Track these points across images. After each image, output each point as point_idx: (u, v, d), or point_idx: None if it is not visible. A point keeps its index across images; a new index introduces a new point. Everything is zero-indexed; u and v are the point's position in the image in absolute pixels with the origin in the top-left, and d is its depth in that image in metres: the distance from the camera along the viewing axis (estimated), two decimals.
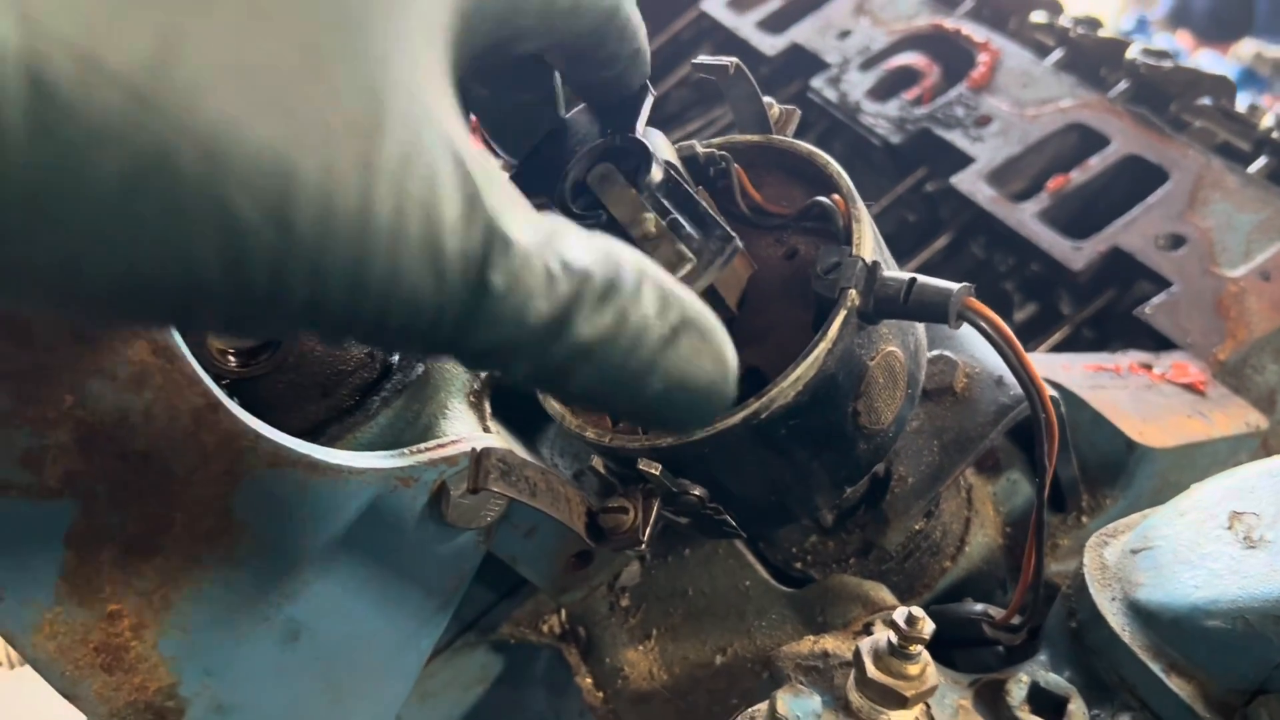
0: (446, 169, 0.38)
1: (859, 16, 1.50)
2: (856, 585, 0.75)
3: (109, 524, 0.54)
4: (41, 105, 0.30)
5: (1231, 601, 0.63)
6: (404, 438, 0.65)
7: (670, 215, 0.56)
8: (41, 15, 0.29)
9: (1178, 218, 1.12)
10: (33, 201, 0.31)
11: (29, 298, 0.35)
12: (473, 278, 0.38)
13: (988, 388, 0.77)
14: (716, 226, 0.56)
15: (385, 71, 0.37)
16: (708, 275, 0.55)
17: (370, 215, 0.36)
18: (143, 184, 0.32)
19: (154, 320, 0.42)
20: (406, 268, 0.37)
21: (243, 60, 0.33)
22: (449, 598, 0.69)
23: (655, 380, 0.44)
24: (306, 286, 0.36)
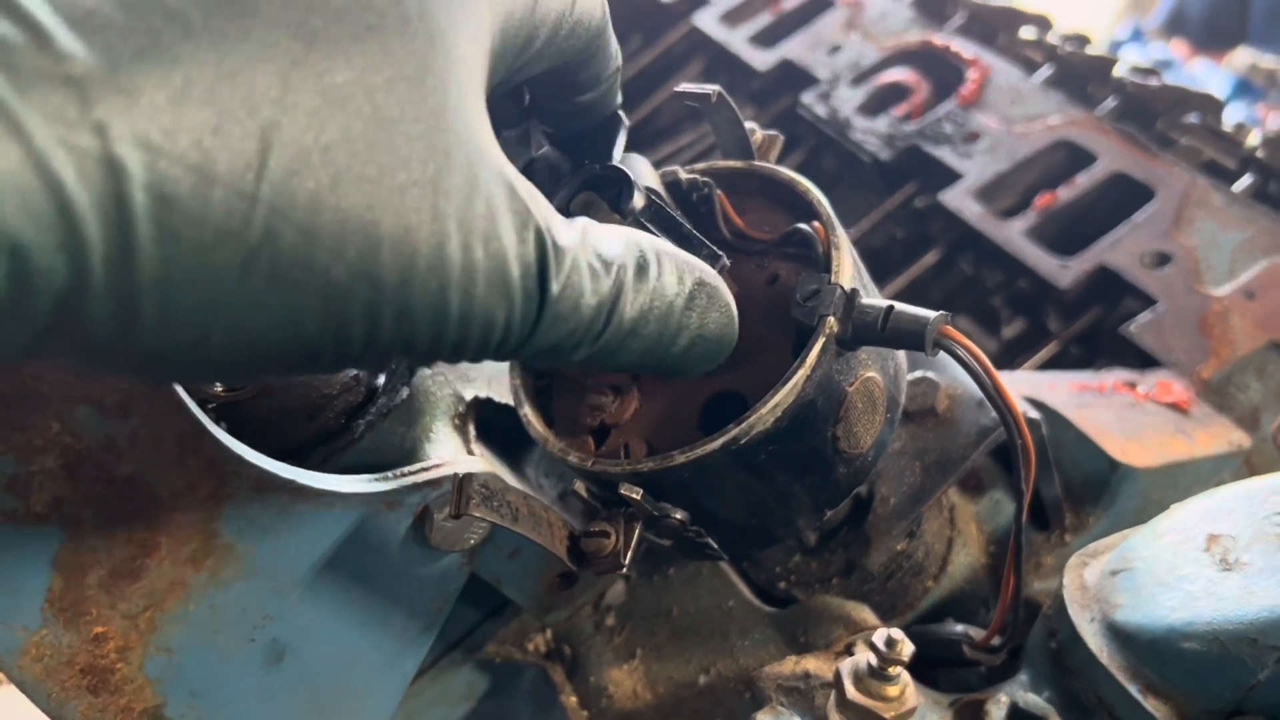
0: (501, 199, 0.43)
1: (850, 32, 1.51)
2: (839, 606, 0.76)
3: (95, 548, 0.54)
4: (165, 214, 0.35)
5: (1207, 624, 0.63)
6: (388, 461, 0.66)
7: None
8: (158, 139, 0.34)
9: (1163, 236, 1.13)
10: (164, 297, 0.36)
11: (165, 374, 0.41)
12: (534, 290, 0.44)
13: (969, 409, 0.78)
14: (703, 246, 0.58)
15: (441, 123, 0.41)
16: None
17: (445, 255, 0.41)
18: (253, 266, 0.37)
19: (273, 376, 0.45)
20: (480, 294, 0.42)
21: (323, 142, 0.38)
22: (433, 618, 0.70)
23: (683, 338, 0.52)
24: (397, 328, 0.41)
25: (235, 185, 0.36)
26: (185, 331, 0.37)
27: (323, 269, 0.38)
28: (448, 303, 0.41)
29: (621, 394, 0.65)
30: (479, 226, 0.42)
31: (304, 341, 0.40)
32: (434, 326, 0.42)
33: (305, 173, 0.37)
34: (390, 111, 0.40)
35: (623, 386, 0.65)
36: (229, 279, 0.37)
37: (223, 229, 0.36)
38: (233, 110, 0.36)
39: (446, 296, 0.41)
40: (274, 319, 0.38)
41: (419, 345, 0.42)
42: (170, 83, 0.35)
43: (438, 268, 0.41)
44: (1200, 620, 0.64)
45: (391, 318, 0.40)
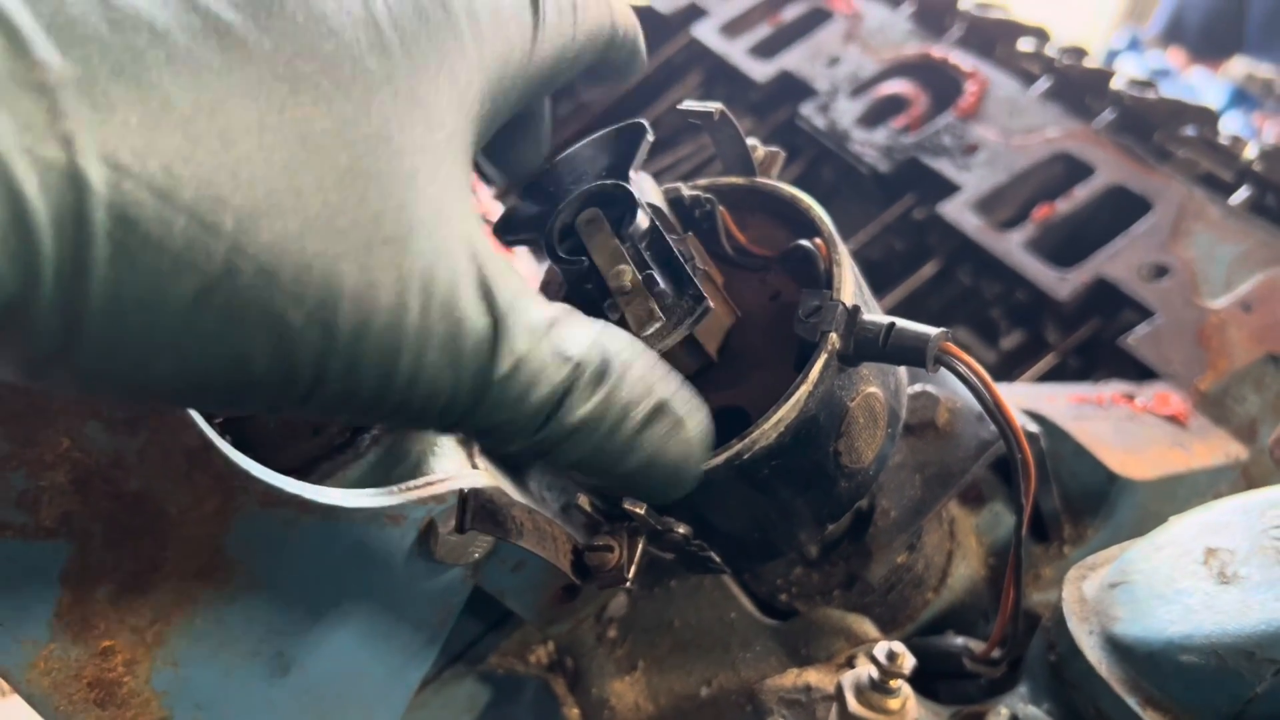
0: (466, 269, 0.43)
1: (848, 44, 1.52)
2: (840, 618, 0.76)
3: (103, 562, 0.55)
4: (124, 236, 0.34)
5: (1205, 637, 0.64)
6: (393, 475, 0.66)
7: (647, 270, 0.57)
8: (127, 159, 0.34)
9: (1161, 248, 1.14)
10: (112, 319, 0.35)
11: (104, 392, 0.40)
12: (484, 368, 0.44)
13: (969, 422, 0.78)
14: (690, 285, 0.58)
15: (415, 185, 0.41)
16: (674, 335, 0.57)
17: (403, 316, 0.41)
18: (208, 300, 0.36)
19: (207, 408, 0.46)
20: (430, 360, 0.42)
21: (296, 186, 0.37)
22: (437, 632, 0.70)
23: (632, 459, 0.50)
24: (344, 381, 0.41)
25: (200, 216, 0.35)
26: (129, 355, 0.37)
27: (279, 312, 0.38)
28: (398, 363, 0.41)
29: None
30: (440, 293, 0.42)
31: (248, 380, 0.39)
32: (380, 384, 0.42)
33: (274, 214, 0.37)
34: (366, 166, 0.40)
35: None
36: (181, 309, 0.36)
37: (182, 258, 0.35)
38: (207, 141, 0.35)
39: (398, 357, 0.41)
40: (222, 354, 0.38)
41: (361, 399, 0.42)
42: (146, 104, 0.34)
43: (394, 326, 0.41)
44: (1199, 633, 0.64)
45: (340, 370, 0.40)
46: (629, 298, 0.57)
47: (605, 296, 0.58)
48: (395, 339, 0.41)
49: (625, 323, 0.57)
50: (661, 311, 0.56)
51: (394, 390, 0.42)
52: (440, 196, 0.43)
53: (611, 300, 0.57)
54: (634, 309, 0.56)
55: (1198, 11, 4.69)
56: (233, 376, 0.39)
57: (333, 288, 0.39)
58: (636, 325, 0.56)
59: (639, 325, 0.56)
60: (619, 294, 0.57)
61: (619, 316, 0.57)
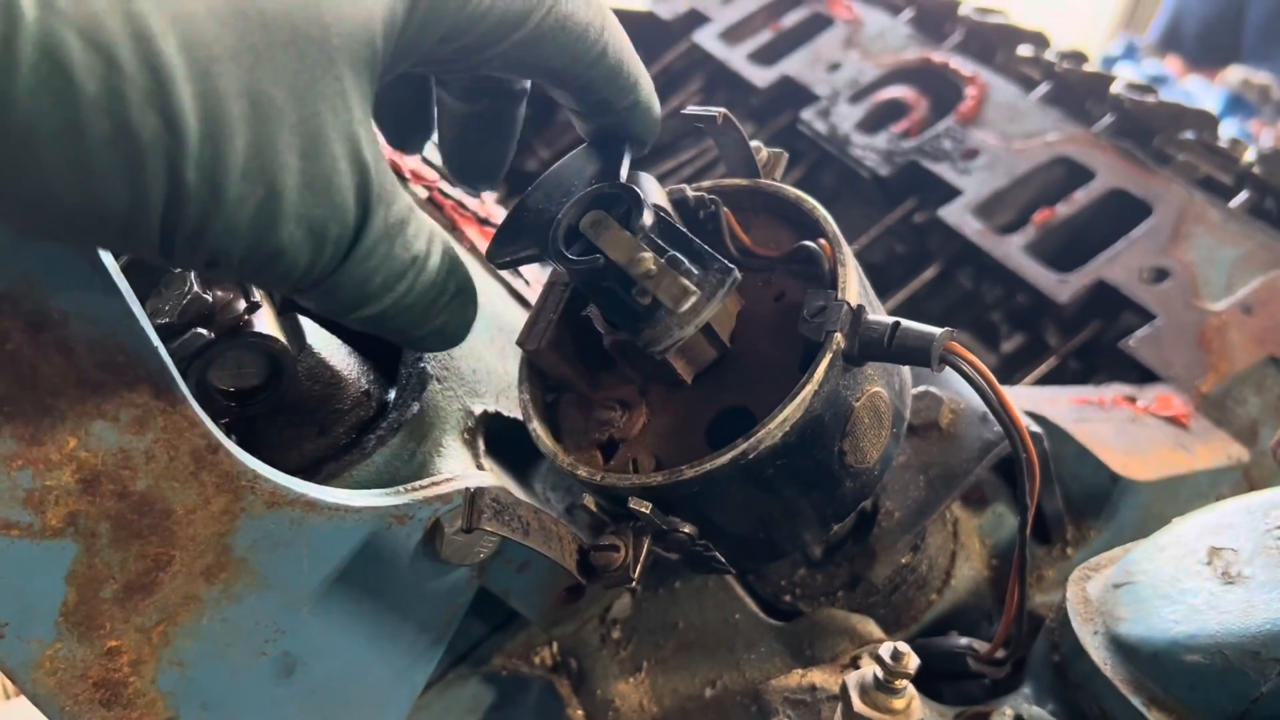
0: (342, 155, 0.46)
1: (849, 49, 1.53)
2: (844, 619, 0.76)
3: (109, 562, 0.55)
4: (50, 71, 0.37)
5: (1210, 636, 0.64)
6: (399, 475, 0.66)
7: (668, 253, 0.57)
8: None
9: (1161, 251, 1.14)
10: (27, 146, 0.38)
11: (8, 221, 0.42)
12: (360, 211, 0.48)
13: (973, 423, 0.79)
14: (714, 260, 0.58)
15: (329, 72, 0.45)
16: (713, 305, 0.57)
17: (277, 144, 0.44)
18: (113, 134, 0.39)
19: (103, 240, 0.48)
20: (291, 235, 0.45)
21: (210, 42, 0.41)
22: (442, 632, 0.70)
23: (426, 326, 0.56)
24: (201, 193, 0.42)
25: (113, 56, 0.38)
26: (37, 181, 0.39)
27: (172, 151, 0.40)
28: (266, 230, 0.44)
29: (629, 409, 0.66)
30: (331, 135, 0.45)
31: (141, 210, 0.41)
32: (249, 248, 0.44)
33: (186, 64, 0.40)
34: (280, 36, 0.43)
35: (630, 401, 0.66)
36: (92, 141, 0.38)
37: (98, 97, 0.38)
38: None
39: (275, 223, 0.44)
40: (120, 183, 0.40)
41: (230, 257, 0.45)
42: None
43: (268, 148, 0.43)
44: (1203, 633, 0.64)
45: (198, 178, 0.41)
46: (657, 280, 0.56)
47: (627, 288, 0.57)
48: (266, 206, 0.44)
49: (657, 304, 0.57)
50: (694, 286, 0.56)
51: (259, 253, 0.45)
52: (332, 90, 0.45)
53: (638, 286, 0.57)
54: (665, 288, 0.56)
55: (1195, 19, 4.71)
56: (126, 205, 0.41)
57: (220, 139, 0.41)
58: (673, 302, 0.56)
59: (675, 302, 0.56)
60: (645, 279, 0.56)
61: (650, 300, 0.57)
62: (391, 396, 0.69)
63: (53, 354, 0.49)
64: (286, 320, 0.67)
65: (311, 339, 0.67)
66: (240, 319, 0.62)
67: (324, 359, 0.67)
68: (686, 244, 0.59)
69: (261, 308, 0.64)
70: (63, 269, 0.47)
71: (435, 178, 0.94)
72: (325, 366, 0.67)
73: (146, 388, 0.52)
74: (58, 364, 0.49)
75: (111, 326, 0.49)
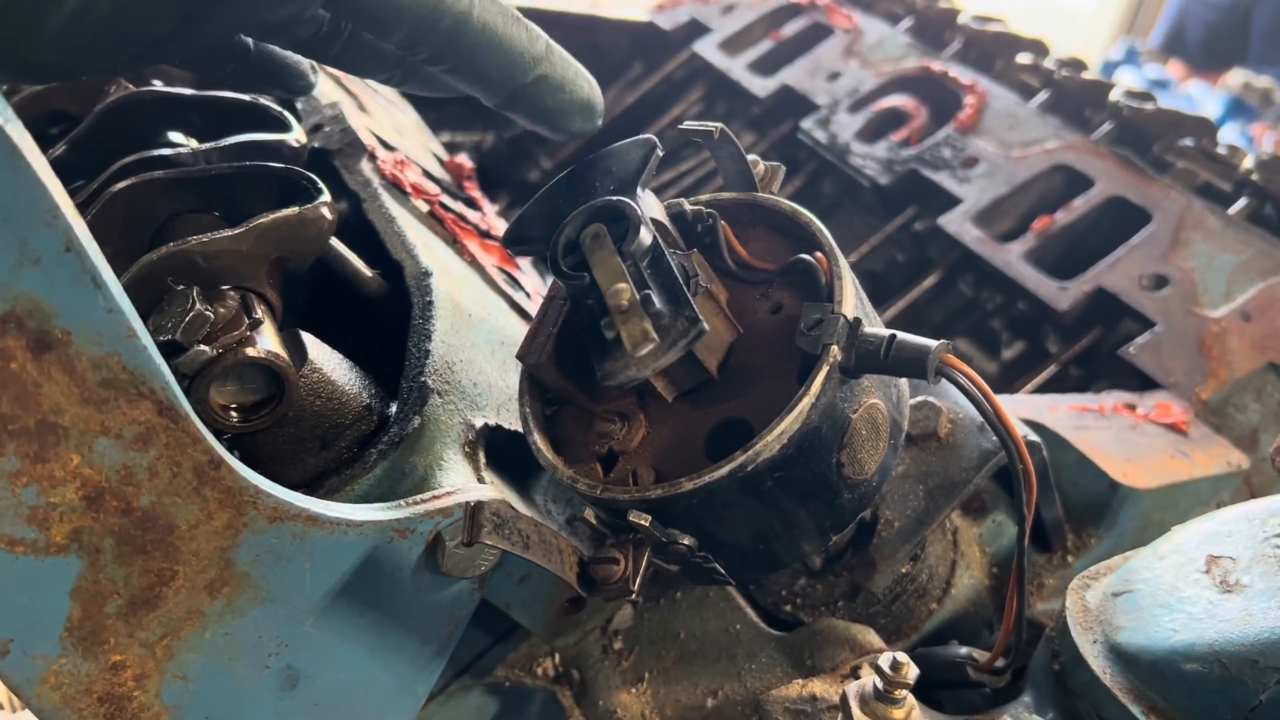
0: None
1: (848, 59, 1.53)
2: (844, 629, 0.77)
3: (113, 578, 0.55)
4: None
5: (1208, 645, 0.64)
6: (400, 489, 0.67)
7: (645, 290, 0.58)
8: None
9: (1160, 258, 1.15)
10: None
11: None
12: None
13: (971, 433, 0.79)
14: (687, 307, 0.58)
15: None
16: (668, 357, 0.57)
17: None
18: None
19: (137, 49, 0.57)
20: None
21: None
22: (444, 644, 0.70)
23: None
24: None
25: None
26: None
27: None
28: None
29: (629, 421, 0.66)
30: None
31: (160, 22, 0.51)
32: None
33: None
34: None
35: (630, 414, 0.67)
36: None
37: None
38: None
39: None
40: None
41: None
42: None
43: None
44: (1202, 642, 0.64)
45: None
46: (625, 316, 0.57)
47: (601, 314, 0.58)
48: None
49: (619, 340, 0.57)
50: (656, 332, 0.57)
51: None
52: None
53: (608, 318, 0.58)
54: (629, 328, 0.57)
55: (1199, 24, 4.71)
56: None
57: None
58: (631, 345, 0.56)
59: (633, 345, 0.56)
60: (616, 312, 0.57)
61: (614, 335, 0.57)
62: (393, 410, 0.70)
63: (56, 373, 0.49)
64: (288, 336, 0.68)
65: (313, 354, 0.68)
66: (242, 336, 0.63)
67: (325, 374, 0.68)
68: (669, 282, 0.59)
69: (263, 324, 0.64)
70: (66, 288, 0.48)
71: (437, 192, 0.95)
72: (327, 381, 0.67)
73: (149, 405, 0.52)
74: (61, 382, 0.49)
75: (114, 345, 0.50)
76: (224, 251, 0.65)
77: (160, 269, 0.64)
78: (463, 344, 0.74)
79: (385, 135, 0.98)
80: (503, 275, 0.92)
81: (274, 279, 0.69)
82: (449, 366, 0.72)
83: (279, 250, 0.68)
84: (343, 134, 0.91)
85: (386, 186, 0.88)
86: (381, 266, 0.79)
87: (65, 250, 0.46)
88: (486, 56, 0.61)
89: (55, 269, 0.47)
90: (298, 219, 0.68)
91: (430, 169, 1.03)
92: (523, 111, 0.66)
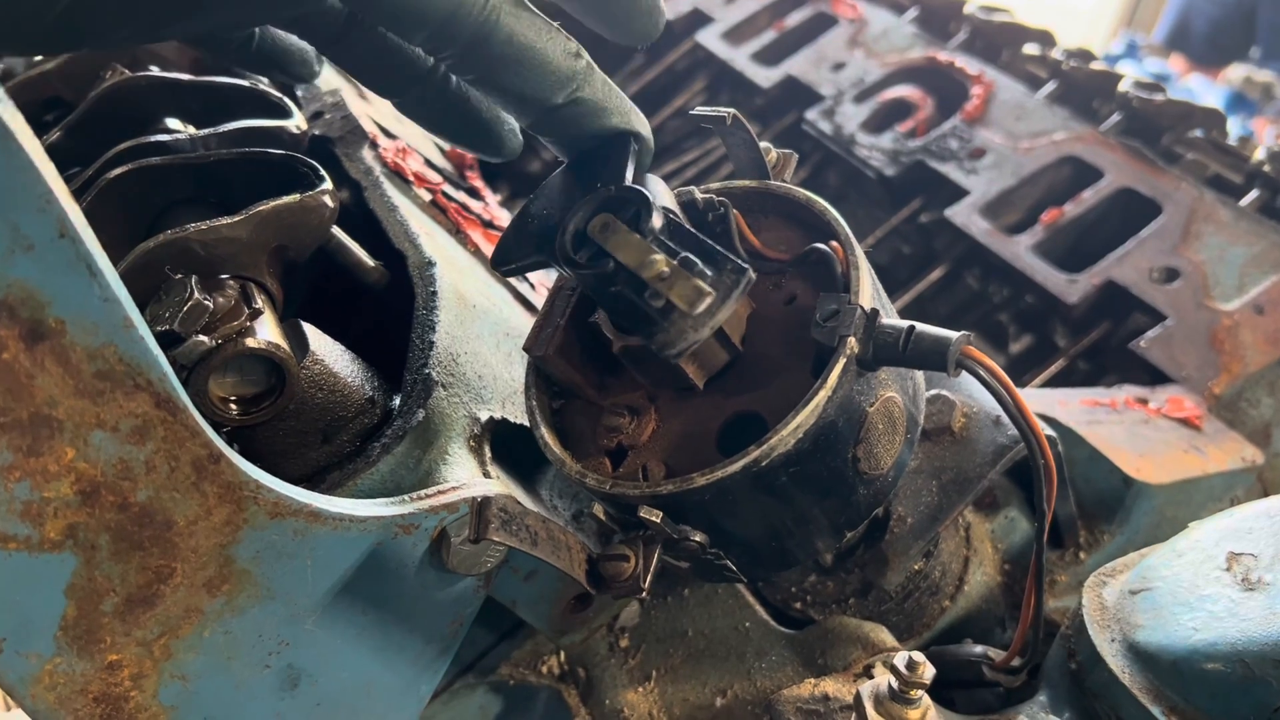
0: None
1: (853, 49, 1.52)
2: (856, 627, 0.75)
3: (110, 575, 0.54)
4: None
5: (1230, 644, 0.63)
6: (405, 484, 0.65)
7: (680, 254, 0.56)
8: None
9: (1171, 251, 1.13)
10: None
11: None
12: None
13: (985, 428, 0.78)
14: (727, 260, 0.57)
15: None
16: (729, 305, 0.56)
17: None
18: None
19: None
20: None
21: None
22: (449, 643, 0.69)
23: None
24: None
25: None
26: None
27: None
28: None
29: (638, 415, 0.65)
30: None
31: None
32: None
33: None
34: None
35: (639, 408, 0.65)
36: None
37: None
38: None
39: None
40: None
41: None
42: None
43: None
44: (1223, 641, 0.63)
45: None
46: (670, 281, 0.55)
47: (639, 291, 0.56)
48: None
49: (671, 307, 0.55)
50: (709, 287, 0.55)
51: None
52: None
53: (651, 289, 0.56)
54: (679, 290, 0.55)
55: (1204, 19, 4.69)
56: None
57: None
58: (687, 305, 0.54)
59: (690, 304, 0.54)
60: (658, 281, 0.55)
61: (664, 302, 0.55)
62: (396, 404, 0.68)
63: (50, 363, 0.47)
64: (289, 326, 0.66)
65: (314, 345, 0.66)
66: (242, 326, 0.61)
67: (328, 366, 0.66)
68: (698, 244, 0.58)
69: (263, 314, 0.63)
70: (59, 276, 0.46)
71: (439, 181, 0.93)
72: (329, 373, 0.66)
73: (146, 397, 0.50)
74: (55, 374, 0.48)
75: (110, 335, 0.48)
76: (223, 240, 0.64)
77: (157, 257, 0.62)
78: (467, 335, 0.73)
79: (387, 123, 0.96)
80: None
81: (274, 268, 0.67)
82: (453, 358, 0.70)
83: (279, 239, 0.66)
84: (344, 121, 0.90)
85: (388, 175, 0.86)
86: (384, 256, 0.77)
87: (59, 237, 0.45)
88: (516, 65, 0.58)
89: (48, 256, 0.45)
90: (299, 206, 0.67)
91: (432, 158, 1.01)
92: (556, 137, 0.63)
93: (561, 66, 0.59)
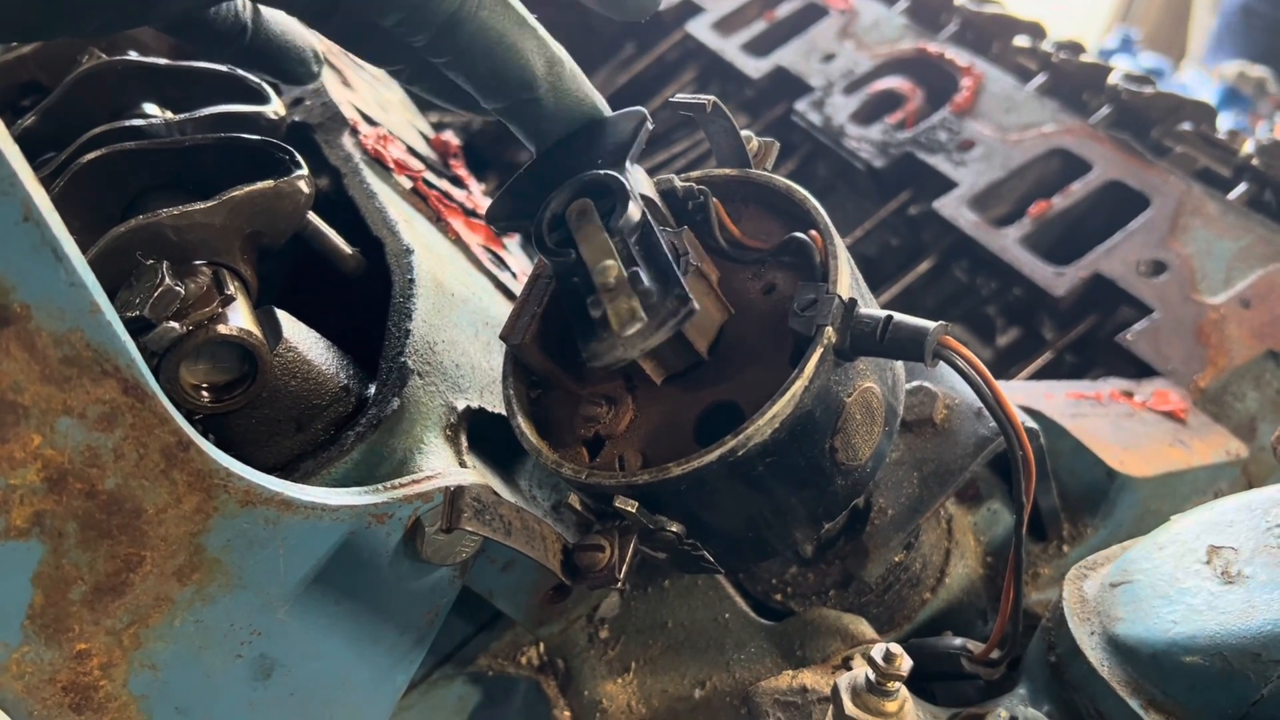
0: None
1: (843, 40, 1.51)
2: (836, 619, 0.75)
3: (78, 563, 0.53)
4: None
5: (1209, 638, 0.63)
6: (379, 473, 0.65)
7: (633, 268, 0.55)
8: None
9: (1159, 244, 1.13)
10: None
11: None
12: None
13: (967, 419, 0.77)
14: (676, 285, 0.56)
15: None
16: (656, 337, 0.55)
17: None
18: None
19: None
20: None
21: None
22: (424, 633, 0.68)
23: None
24: None
25: None
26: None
27: None
28: None
29: (616, 405, 0.64)
30: None
31: None
32: None
33: None
34: None
35: (617, 397, 0.64)
36: None
37: None
38: None
39: None
40: None
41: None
42: None
43: None
44: (1203, 634, 0.63)
45: None
46: (612, 295, 0.55)
47: (588, 293, 0.56)
48: None
49: (606, 321, 0.55)
50: (644, 311, 0.54)
51: None
52: None
53: (595, 297, 0.55)
54: (616, 307, 0.55)
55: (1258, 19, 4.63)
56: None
57: None
58: (618, 324, 0.54)
59: (620, 325, 0.54)
60: (603, 290, 0.55)
61: (601, 314, 0.55)
62: (371, 392, 0.67)
63: (15, 349, 0.47)
64: (263, 313, 0.65)
65: (288, 332, 0.65)
66: (214, 312, 0.60)
67: (301, 353, 0.65)
68: (658, 259, 0.57)
69: (236, 301, 0.62)
70: (24, 260, 0.45)
71: (421, 168, 0.93)
72: (302, 361, 0.65)
73: (114, 383, 0.50)
74: (20, 359, 0.47)
75: (77, 320, 0.47)
76: (196, 225, 0.63)
77: (129, 242, 0.61)
78: (445, 324, 0.72)
79: (369, 110, 0.96)
80: (488, 254, 0.89)
81: (249, 255, 0.67)
82: (430, 347, 0.70)
83: (253, 224, 0.66)
84: (324, 108, 0.89)
85: (368, 162, 0.85)
86: (362, 244, 0.77)
87: (23, 220, 0.44)
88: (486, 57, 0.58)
89: (12, 240, 0.44)
90: (273, 192, 0.66)
91: (415, 146, 1.00)
92: (524, 128, 0.63)
93: (533, 62, 0.59)
